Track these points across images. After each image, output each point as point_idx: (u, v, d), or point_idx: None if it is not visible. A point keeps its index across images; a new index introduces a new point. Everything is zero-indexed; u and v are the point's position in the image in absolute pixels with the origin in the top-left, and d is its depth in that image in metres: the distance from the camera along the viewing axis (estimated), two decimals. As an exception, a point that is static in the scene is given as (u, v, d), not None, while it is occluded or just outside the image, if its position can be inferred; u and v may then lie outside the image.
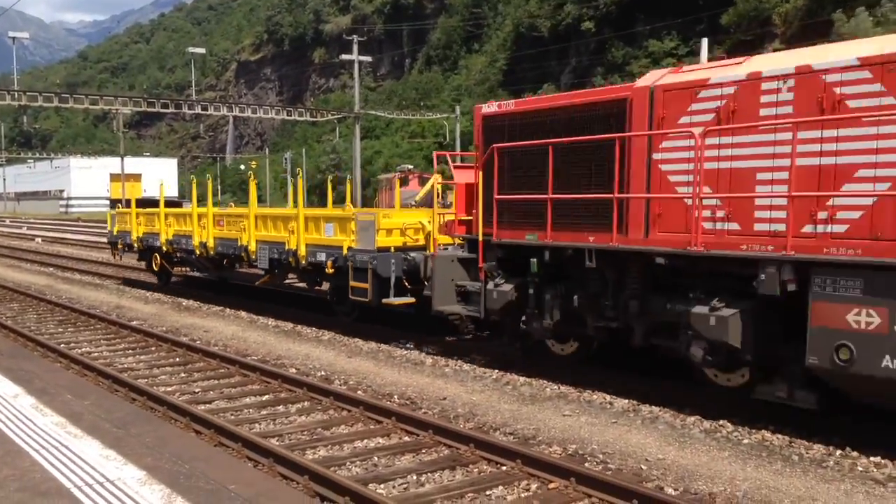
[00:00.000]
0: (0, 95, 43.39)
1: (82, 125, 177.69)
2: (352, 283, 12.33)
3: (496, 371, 10.06)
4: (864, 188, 6.88)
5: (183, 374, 10.36)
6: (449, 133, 61.77)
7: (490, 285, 10.16)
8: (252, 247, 14.86)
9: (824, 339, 6.98)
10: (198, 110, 56.86)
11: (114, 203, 24.58)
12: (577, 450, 7.08)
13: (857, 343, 6.78)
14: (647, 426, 7.72)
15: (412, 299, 11.92)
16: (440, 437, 7.29)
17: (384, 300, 11.98)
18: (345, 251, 12.55)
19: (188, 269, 19.38)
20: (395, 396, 9.02)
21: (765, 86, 7.65)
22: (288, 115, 52.96)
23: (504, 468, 6.59)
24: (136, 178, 67.11)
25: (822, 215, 7.14)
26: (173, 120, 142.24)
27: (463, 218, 10.94)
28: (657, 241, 8.37)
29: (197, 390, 9.47)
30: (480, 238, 10.27)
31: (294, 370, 10.37)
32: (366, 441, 7.44)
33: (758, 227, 7.59)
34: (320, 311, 14.41)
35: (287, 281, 16.14)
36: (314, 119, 56.85)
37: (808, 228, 7.22)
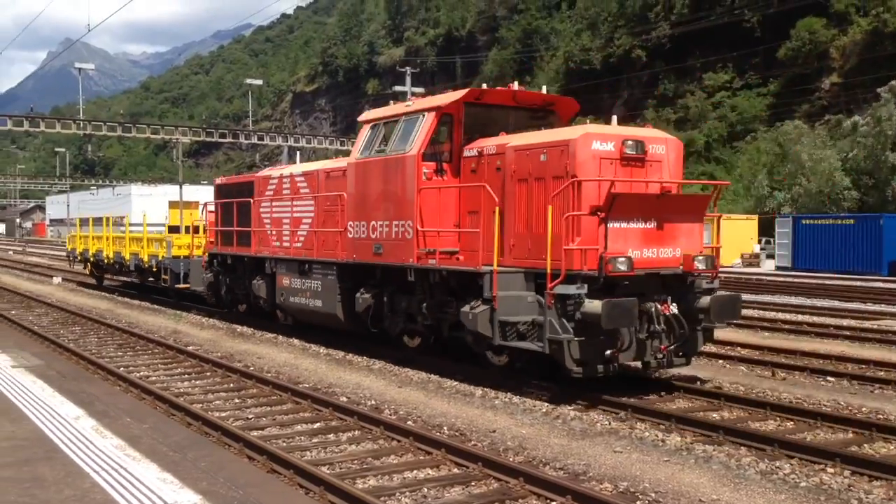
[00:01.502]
0: (66, 124, 44.92)
1: (143, 153, 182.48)
2: (163, 276, 21.96)
3: (546, 404, 10.02)
4: (305, 226, 15.18)
5: (237, 400, 10.52)
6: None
7: (204, 275, 19.10)
8: (127, 257, 24.23)
9: (280, 291, 15.70)
10: (254, 140, 58.04)
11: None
12: (628, 487, 7.01)
13: (284, 291, 15.53)
14: (701, 465, 7.61)
15: (193, 287, 20.26)
16: (490, 469, 7.28)
17: (176, 286, 21.17)
18: (160, 258, 21.91)
19: (112, 273, 27.57)
20: (445, 428, 9.03)
21: (284, 181, 16.16)
22: (341, 145, 53.73)
23: (554, 504, 6.55)
24: (195, 205, 68.53)
25: (298, 238, 15.43)
26: (230, 149, 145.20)
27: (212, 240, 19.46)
28: (259, 251, 16.80)
29: (250, 416, 9.60)
30: (204, 249, 19.67)
31: (345, 399, 10.45)
32: (415, 472, 7.46)
33: (284, 244, 15.98)
34: (371, 341, 14.53)
35: (150, 279, 23.55)
36: (367, 149, 57.59)
37: (293, 243, 15.60)
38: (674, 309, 10.28)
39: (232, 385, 11.46)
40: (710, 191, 13.17)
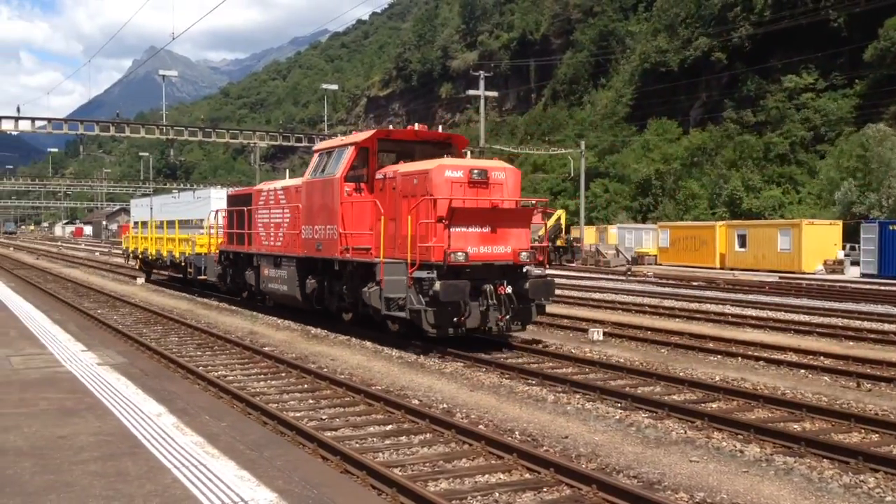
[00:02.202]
0: (150, 130, 46.42)
1: (223, 157, 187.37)
2: (188, 270, 26.20)
3: (619, 411, 9.89)
4: (282, 230, 18.92)
5: (311, 401, 10.67)
6: (574, 167, 61.47)
7: (216, 268, 23.43)
8: (164, 253, 28.79)
9: (264, 279, 19.70)
10: (329, 144, 58.77)
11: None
12: (704, 498, 6.85)
13: (266, 279, 19.58)
14: (781, 477, 7.39)
15: (209, 278, 24.53)
16: (562, 476, 7.21)
17: (199, 277, 25.28)
18: (187, 255, 26.33)
19: (155, 269, 32.37)
20: (517, 432, 8.99)
21: (270, 194, 19.91)
22: (415, 150, 54.06)
23: (628, 512, 6.44)
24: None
25: (278, 239, 19.13)
26: (305, 153, 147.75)
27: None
28: (250, 249, 20.90)
29: (324, 417, 9.73)
30: (217, 247, 23.94)
31: (417, 401, 10.50)
32: (487, 476, 7.44)
33: (267, 243, 19.84)
34: (442, 343, 14.59)
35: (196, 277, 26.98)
36: (440, 153, 57.78)
37: (274, 242, 19.37)
38: (509, 290, 14.14)
39: (306, 386, 11.63)
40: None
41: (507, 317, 14.13)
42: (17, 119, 39.63)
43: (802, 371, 12.69)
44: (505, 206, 14.65)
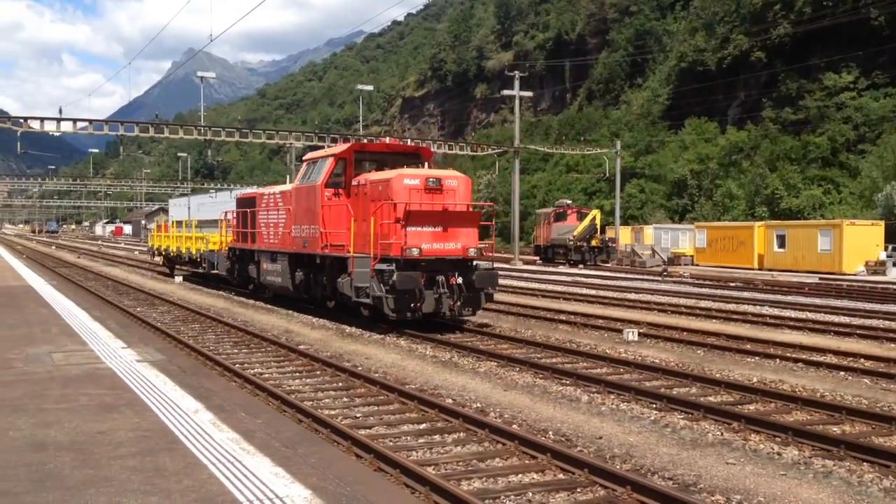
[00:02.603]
0: (188, 130, 46.90)
1: (259, 158, 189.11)
2: (202, 265, 29.27)
3: (654, 412, 9.81)
4: (280, 229, 21.26)
5: (345, 399, 10.73)
6: (609, 168, 61.06)
7: (225, 263, 26.11)
8: (183, 250, 31.94)
9: (263, 272, 22.64)
10: (364, 144, 58.87)
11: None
12: (741, 501, 6.77)
13: (265, 272, 22.48)
14: (820, 481, 7.27)
15: (220, 272, 27.14)
16: (596, 476, 7.17)
17: (212, 271, 27.83)
18: (203, 251, 29.11)
19: (176, 265, 35.11)
20: (551, 432, 8.95)
21: (271, 197, 22.29)
22: (449, 150, 53.92)
23: (663, 514, 6.38)
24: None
25: (276, 237, 21.50)
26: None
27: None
28: (255, 245, 23.25)
29: (358, 415, 9.77)
30: (227, 244, 26.56)
31: (450, 400, 10.50)
32: (520, 476, 7.42)
33: (266, 241, 22.28)
34: (474, 334, 14.57)
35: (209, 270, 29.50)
36: (474, 153, 57.67)
37: (272, 240, 21.69)
38: (459, 280, 16.45)
39: (341, 384, 11.70)
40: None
41: (459, 304, 16.49)
42: (59, 120, 40.30)
43: (842, 373, 12.48)
44: (456, 210, 16.97)
